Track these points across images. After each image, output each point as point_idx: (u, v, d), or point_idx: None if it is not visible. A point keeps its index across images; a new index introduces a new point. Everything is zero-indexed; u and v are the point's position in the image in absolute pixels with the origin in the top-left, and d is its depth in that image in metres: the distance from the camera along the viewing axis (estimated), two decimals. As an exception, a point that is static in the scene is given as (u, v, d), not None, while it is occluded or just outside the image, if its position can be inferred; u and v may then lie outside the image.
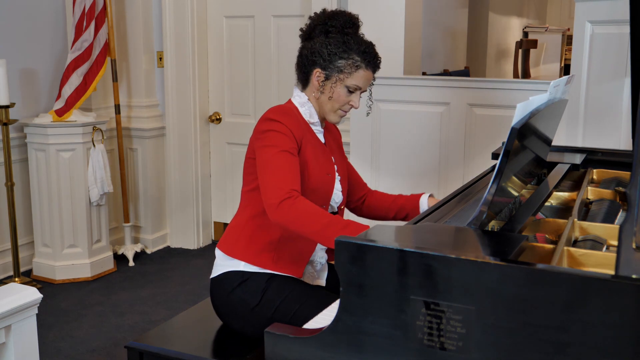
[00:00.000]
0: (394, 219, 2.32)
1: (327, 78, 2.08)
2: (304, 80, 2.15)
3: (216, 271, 2.14)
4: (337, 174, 2.17)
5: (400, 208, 2.29)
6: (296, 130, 2.03)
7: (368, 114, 2.24)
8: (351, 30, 2.11)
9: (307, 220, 1.87)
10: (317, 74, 2.09)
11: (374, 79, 2.15)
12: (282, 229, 2.03)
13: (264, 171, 1.97)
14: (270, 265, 2.07)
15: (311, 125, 2.14)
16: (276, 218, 1.90)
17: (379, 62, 2.12)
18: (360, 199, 2.38)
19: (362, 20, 2.18)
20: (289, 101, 2.17)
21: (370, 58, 2.08)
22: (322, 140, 2.18)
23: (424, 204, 2.24)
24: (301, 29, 2.18)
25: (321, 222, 1.86)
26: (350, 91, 2.09)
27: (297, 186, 1.95)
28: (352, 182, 2.34)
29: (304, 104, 2.13)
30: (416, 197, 2.29)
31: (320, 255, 2.21)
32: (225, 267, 2.10)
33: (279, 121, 2.02)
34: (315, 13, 2.16)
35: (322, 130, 2.19)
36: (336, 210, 2.19)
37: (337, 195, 2.16)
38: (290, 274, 2.09)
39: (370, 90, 2.19)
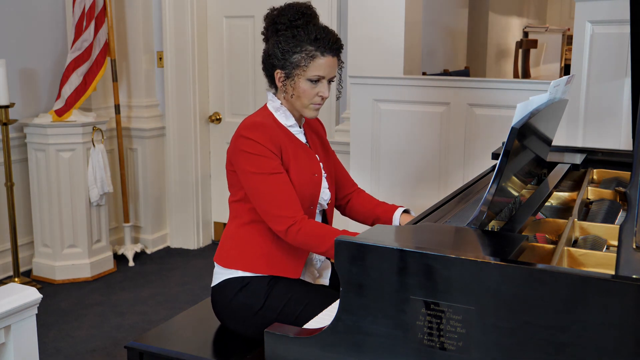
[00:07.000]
0: (372, 225, 2.29)
1: (287, 77, 2.02)
2: (272, 83, 2.10)
3: (216, 279, 2.13)
4: (323, 171, 2.15)
5: (376, 218, 2.25)
6: (273, 142, 1.99)
7: (338, 98, 2.20)
8: (301, 22, 2.01)
9: (316, 242, 1.95)
10: (278, 75, 2.04)
11: (340, 62, 2.07)
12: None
13: (258, 200, 1.99)
14: (267, 269, 2.06)
15: (289, 129, 2.09)
16: (289, 242, 1.99)
17: (337, 45, 2.01)
18: (345, 197, 2.33)
19: (317, 10, 2.07)
20: (265, 107, 2.12)
21: (324, 44, 1.98)
22: (304, 140, 2.14)
23: (396, 221, 2.20)
24: (262, 33, 2.12)
25: (330, 241, 1.91)
26: (315, 82, 2.01)
27: (295, 207, 1.97)
28: (340, 180, 2.30)
29: (278, 109, 2.09)
30: (392, 210, 2.24)
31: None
32: (225, 275, 2.10)
33: (253, 139, 1.97)
34: (267, 13, 2.09)
35: (302, 130, 2.15)
36: (325, 207, 2.17)
37: (324, 193, 2.14)
38: (289, 275, 2.08)
39: (340, 74, 2.10)
